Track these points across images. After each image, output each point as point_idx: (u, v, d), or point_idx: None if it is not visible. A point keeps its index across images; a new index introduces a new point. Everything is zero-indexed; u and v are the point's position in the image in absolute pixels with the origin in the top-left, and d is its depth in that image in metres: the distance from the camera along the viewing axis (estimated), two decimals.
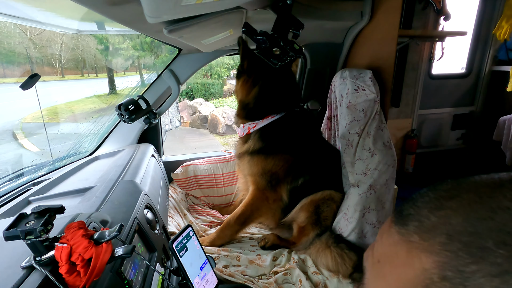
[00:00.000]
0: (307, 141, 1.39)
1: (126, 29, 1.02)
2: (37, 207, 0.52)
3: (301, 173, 1.37)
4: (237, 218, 1.38)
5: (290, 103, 1.37)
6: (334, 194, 1.36)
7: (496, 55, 2.62)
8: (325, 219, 1.34)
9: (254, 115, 1.34)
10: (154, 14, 0.63)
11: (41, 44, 5.87)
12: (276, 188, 1.36)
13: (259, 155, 1.33)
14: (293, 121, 1.35)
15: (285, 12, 1.00)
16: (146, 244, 0.82)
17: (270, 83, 1.30)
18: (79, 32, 1.36)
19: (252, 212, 1.39)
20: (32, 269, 0.52)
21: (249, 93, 1.32)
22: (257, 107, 1.32)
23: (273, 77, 1.30)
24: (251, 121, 1.35)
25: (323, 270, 1.21)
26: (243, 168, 1.42)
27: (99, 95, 7.49)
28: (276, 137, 1.33)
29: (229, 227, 1.38)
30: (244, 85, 1.32)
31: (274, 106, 1.32)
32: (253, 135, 1.35)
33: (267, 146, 1.32)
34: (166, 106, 1.64)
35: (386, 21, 1.37)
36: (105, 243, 0.54)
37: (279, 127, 1.33)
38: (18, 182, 1.10)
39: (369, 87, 1.29)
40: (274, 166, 1.33)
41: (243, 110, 1.36)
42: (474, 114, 2.79)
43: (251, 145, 1.35)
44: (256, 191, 1.37)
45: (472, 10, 2.52)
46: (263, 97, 1.31)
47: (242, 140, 1.42)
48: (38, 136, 2.36)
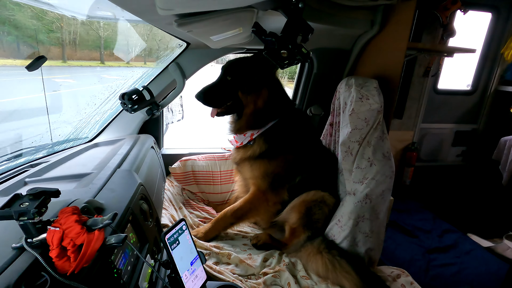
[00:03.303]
0: (305, 140, 1.43)
1: (136, 19, 1.02)
2: (33, 189, 0.52)
3: (299, 171, 1.39)
4: (235, 212, 1.40)
5: (286, 107, 1.41)
6: (327, 197, 1.37)
7: (503, 75, 2.62)
8: (316, 222, 1.34)
9: (261, 122, 1.37)
10: (166, 6, 0.63)
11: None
12: (278, 190, 1.39)
13: (262, 158, 1.36)
14: (291, 123, 1.39)
15: (296, 15, 0.99)
16: (139, 235, 0.82)
17: (275, 92, 1.36)
18: (89, 17, 1.36)
19: (250, 210, 1.40)
20: (23, 250, 0.52)
21: (263, 104, 1.34)
22: (265, 114, 1.36)
23: (275, 85, 1.37)
24: (256, 129, 1.37)
25: (312, 275, 1.21)
26: (245, 172, 1.44)
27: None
28: (278, 139, 1.36)
29: (224, 218, 1.40)
30: (261, 97, 1.34)
31: (276, 112, 1.37)
32: (257, 140, 1.37)
33: (271, 148, 1.35)
34: (170, 99, 1.64)
35: (396, 32, 1.37)
36: (97, 230, 0.54)
37: (280, 129, 1.37)
38: (16, 162, 1.10)
39: (374, 97, 1.29)
40: (277, 167, 1.36)
41: (254, 120, 1.37)
42: (476, 132, 2.79)
43: (256, 149, 1.37)
44: (257, 191, 1.39)
45: (482, 28, 2.52)
46: (270, 105, 1.35)
47: (242, 147, 1.43)
48: (39, 119, 2.37)
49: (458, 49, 2.02)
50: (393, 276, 1.18)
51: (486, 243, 1.96)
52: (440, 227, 2.10)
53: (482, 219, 2.32)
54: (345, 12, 1.35)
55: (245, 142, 1.39)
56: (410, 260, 1.74)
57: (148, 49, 1.94)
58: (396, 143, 2.52)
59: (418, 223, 2.13)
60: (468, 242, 1.93)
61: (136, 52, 2.05)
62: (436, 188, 2.75)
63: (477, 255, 1.80)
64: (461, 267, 1.69)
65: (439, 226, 2.10)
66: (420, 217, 2.23)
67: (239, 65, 1.34)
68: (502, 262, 1.74)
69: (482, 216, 2.37)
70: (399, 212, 2.26)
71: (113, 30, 1.94)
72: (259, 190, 1.39)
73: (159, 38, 1.70)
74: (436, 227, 2.10)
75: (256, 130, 1.37)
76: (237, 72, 1.32)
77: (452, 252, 1.84)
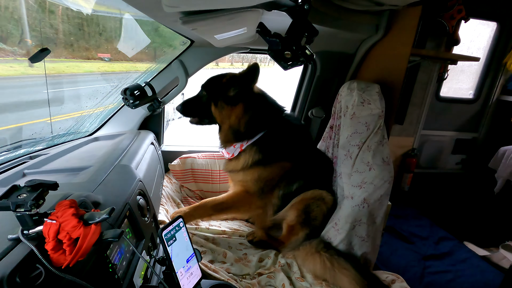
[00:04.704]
0: (299, 147, 1.44)
1: (141, 15, 1.02)
2: (31, 181, 0.52)
3: (295, 178, 1.40)
4: (215, 205, 1.41)
5: (274, 117, 1.41)
6: (325, 195, 1.37)
7: (506, 85, 2.62)
8: (314, 219, 1.35)
9: (245, 136, 1.37)
10: (172, 3, 0.63)
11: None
12: (265, 195, 1.40)
13: (257, 165, 1.37)
14: (282, 132, 1.40)
15: (301, 17, 0.99)
16: (135, 231, 0.82)
17: (255, 106, 1.35)
18: (94, 12, 1.36)
19: (230, 207, 1.44)
20: (19, 241, 0.52)
21: (241, 119, 1.35)
22: (248, 129, 1.36)
23: (255, 99, 1.37)
24: (244, 140, 1.38)
25: (307, 277, 1.21)
26: (238, 177, 1.45)
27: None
28: (271, 147, 1.37)
29: (204, 208, 1.41)
30: (234, 113, 1.34)
31: (262, 123, 1.37)
32: (248, 149, 1.38)
33: (265, 156, 1.36)
34: (172, 96, 1.63)
35: (400, 37, 1.37)
36: (94, 224, 0.54)
37: (271, 138, 1.37)
38: (15, 153, 1.10)
39: (375, 102, 1.28)
40: (271, 173, 1.38)
41: (233, 135, 1.38)
42: (476, 141, 2.79)
43: (248, 159, 1.37)
44: (243, 193, 1.41)
45: (487, 37, 2.52)
46: (253, 119, 1.35)
47: (234, 158, 1.43)
48: (41, 110, 2.38)
49: (462, 57, 2.02)
50: (388, 281, 1.18)
51: (482, 251, 1.96)
52: (436, 234, 2.10)
53: (479, 227, 2.32)
54: (350, 16, 1.34)
55: (236, 153, 1.40)
56: (405, 266, 1.74)
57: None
58: (396, 148, 2.52)
59: (415, 229, 2.13)
60: (464, 250, 1.93)
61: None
62: (434, 195, 2.74)
63: (472, 263, 1.80)
64: (456, 275, 1.69)
65: (436, 233, 2.10)
66: (417, 223, 2.23)
67: (214, 82, 1.39)
68: (498, 271, 1.73)
69: (479, 224, 2.37)
70: (397, 217, 2.26)
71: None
72: (246, 192, 1.40)
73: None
74: (433, 234, 2.10)
75: (245, 141, 1.38)
76: (211, 89, 1.39)
77: (448, 259, 1.84)
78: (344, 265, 1.17)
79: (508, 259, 1.83)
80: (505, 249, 1.90)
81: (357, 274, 1.13)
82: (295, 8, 0.98)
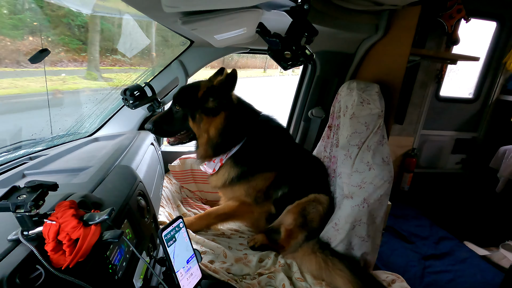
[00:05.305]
0: (281, 152, 1.40)
1: (141, 15, 1.02)
2: (31, 182, 0.52)
3: (281, 184, 1.39)
4: (218, 215, 1.41)
5: (253, 125, 1.35)
6: (319, 196, 1.37)
7: (505, 84, 2.62)
8: (311, 221, 1.35)
9: (225, 148, 1.32)
10: (172, 3, 0.63)
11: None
12: (263, 203, 1.40)
13: (239, 180, 1.34)
14: (261, 139, 1.35)
15: (301, 17, 0.99)
16: (135, 231, 0.82)
17: (234, 115, 1.28)
18: (94, 12, 1.36)
19: (234, 216, 1.44)
20: (19, 242, 0.52)
21: (220, 130, 1.27)
22: (228, 140, 1.30)
23: (233, 108, 1.30)
24: (223, 153, 1.33)
25: (307, 277, 1.21)
26: (227, 193, 1.44)
27: None
28: (251, 158, 1.34)
29: (208, 218, 1.42)
30: (213, 125, 1.27)
31: (240, 133, 1.32)
32: (229, 163, 1.34)
33: (248, 168, 1.33)
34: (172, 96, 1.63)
35: (400, 37, 1.37)
36: (94, 225, 0.54)
37: (250, 148, 1.33)
38: (15, 154, 1.10)
39: (375, 102, 1.28)
40: (257, 185, 1.36)
41: (212, 149, 1.31)
42: (476, 141, 2.79)
43: (230, 174, 1.34)
44: (241, 205, 1.40)
45: (486, 36, 2.52)
46: (233, 128, 1.29)
47: (216, 173, 1.39)
48: (40, 111, 2.34)
49: (462, 57, 2.03)
50: (388, 281, 1.18)
51: (482, 251, 1.96)
52: (436, 234, 2.10)
53: (479, 227, 2.32)
54: (350, 15, 1.35)
55: (217, 168, 1.36)
56: (405, 266, 1.74)
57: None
58: (396, 148, 2.53)
59: (415, 229, 2.14)
60: (464, 250, 1.93)
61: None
62: (434, 195, 2.75)
63: (472, 263, 1.80)
64: (456, 274, 1.69)
65: (436, 233, 2.11)
66: (417, 223, 2.23)
67: (188, 94, 1.28)
68: (498, 271, 1.74)
69: (479, 224, 2.38)
70: (396, 217, 2.27)
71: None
72: (243, 203, 1.40)
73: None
74: (433, 234, 2.10)
75: (225, 155, 1.33)
76: (186, 102, 1.27)
77: (448, 259, 1.84)
78: (338, 265, 1.17)
79: (508, 258, 1.83)
80: (505, 249, 1.91)
81: (351, 275, 1.13)
82: (295, 8, 0.98)
